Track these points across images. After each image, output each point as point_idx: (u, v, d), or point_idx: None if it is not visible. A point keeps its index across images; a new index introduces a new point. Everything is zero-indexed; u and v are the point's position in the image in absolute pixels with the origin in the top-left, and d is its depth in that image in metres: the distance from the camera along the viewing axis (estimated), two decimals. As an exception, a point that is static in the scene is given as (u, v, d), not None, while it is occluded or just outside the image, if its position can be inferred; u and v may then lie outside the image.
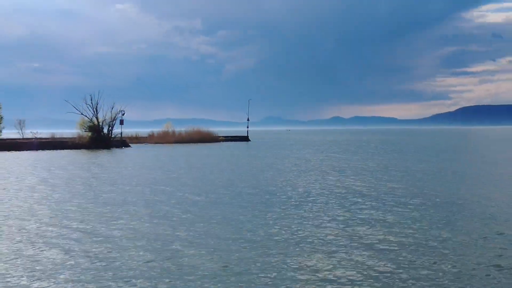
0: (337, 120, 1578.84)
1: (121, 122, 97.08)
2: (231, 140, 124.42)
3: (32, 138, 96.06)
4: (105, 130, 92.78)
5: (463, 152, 77.52)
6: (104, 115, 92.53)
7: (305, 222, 21.22)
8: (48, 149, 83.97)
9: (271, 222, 21.36)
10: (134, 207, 26.10)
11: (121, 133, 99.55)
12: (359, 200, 27.89)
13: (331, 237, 18.06)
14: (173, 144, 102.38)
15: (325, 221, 21.18)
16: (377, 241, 17.51)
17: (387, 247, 16.70)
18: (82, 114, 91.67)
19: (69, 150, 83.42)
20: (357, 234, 18.53)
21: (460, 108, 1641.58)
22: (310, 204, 26.87)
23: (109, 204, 27.36)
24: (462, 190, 32.15)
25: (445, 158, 62.80)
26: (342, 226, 20.17)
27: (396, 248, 16.58)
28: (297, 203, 27.31)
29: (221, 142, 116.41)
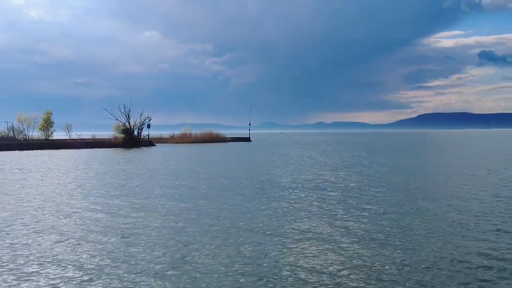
0: (320, 124, 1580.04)
1: (148, 126, 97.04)
2: (236, 141, 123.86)
3: (77, 139, 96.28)
4: (136, 133, 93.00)
5: (421, 150, 77.56)
6: (134, 120, 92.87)
7: (278, 209, 20.05)
8: (90, 148, 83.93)
9: (250, 210, 20.09)
10: (150, 195, 25.70)
11: (148, 135, 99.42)
12: (331, 190, 26.92)
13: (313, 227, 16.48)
14: (190, 144, 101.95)
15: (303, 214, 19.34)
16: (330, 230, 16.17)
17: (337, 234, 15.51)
18: (117, 119, 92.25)
19: (106, 148, 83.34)
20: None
21: (419, 115, 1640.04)
22: (290, 191, 26.26)
23: (128, 191, 27.10)
24: (420, 180, 31.65)
25: (405, 154, 61.81)
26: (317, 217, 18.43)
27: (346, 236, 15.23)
28: (281, 191, 26.52)
29: (228, 142, 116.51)
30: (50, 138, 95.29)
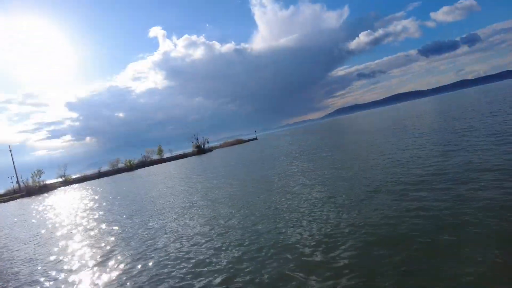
0: (287, 125, 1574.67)
1: (208, 142, 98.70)
2: (250, 141, 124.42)
3: (175, 155, 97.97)
4: (202, 146, 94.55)
5: (340, 129, 78.37)
6: (201, 140, 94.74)
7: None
8: (181, 158, 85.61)
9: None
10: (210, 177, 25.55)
11: (208, 146, 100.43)
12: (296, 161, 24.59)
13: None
14: (229, 146, 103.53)
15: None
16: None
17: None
18: (193, 142, 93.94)
19: (190, 157, 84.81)
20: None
21: (334, 110, 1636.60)
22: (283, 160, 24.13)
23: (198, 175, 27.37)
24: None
25: (327, 134, 61.76)
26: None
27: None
28: (267, 166, 21.90)
29: (247, 143, 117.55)
30: (162, 157, 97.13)
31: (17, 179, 66.64)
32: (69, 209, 22.58)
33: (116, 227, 12.41)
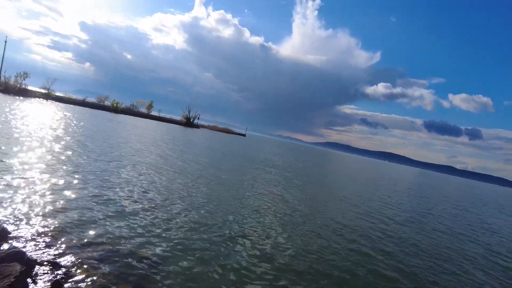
0: (279, 136, 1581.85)
1: (198, 118, 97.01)
2: (238, 135, 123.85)
3: (163, 116, 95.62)
4: (191, 120, 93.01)
5: (328, 160, 79.19)
6: (192, 114, 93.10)
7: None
8: (168, 123, 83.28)
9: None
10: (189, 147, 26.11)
11: (197, 123, 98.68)
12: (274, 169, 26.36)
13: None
14: (216, 131, 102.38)
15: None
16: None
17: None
18: (184, 112, 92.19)
19: (176, 124, 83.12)
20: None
21: (327, 142, 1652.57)
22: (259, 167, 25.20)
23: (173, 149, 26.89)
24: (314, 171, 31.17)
25: (318, 159, 63.07)
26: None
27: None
28: (250, 161, 25.42)
29: (234, 135, 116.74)
30: (150, 113, 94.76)
31: (0, 72, 63.30)
32: (32, 121, 21.48)
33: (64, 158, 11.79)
